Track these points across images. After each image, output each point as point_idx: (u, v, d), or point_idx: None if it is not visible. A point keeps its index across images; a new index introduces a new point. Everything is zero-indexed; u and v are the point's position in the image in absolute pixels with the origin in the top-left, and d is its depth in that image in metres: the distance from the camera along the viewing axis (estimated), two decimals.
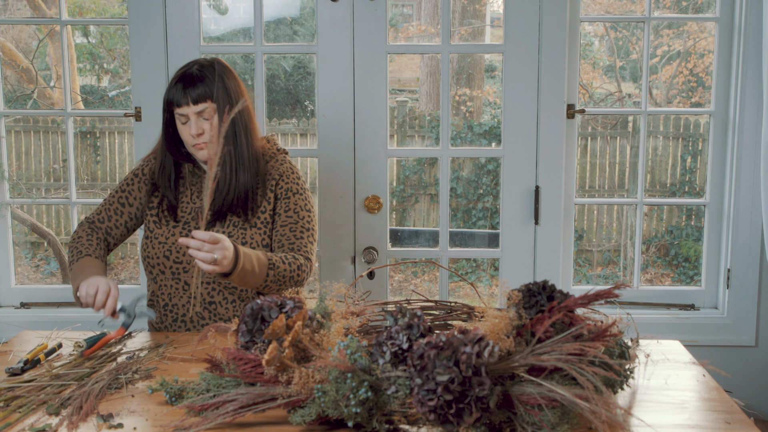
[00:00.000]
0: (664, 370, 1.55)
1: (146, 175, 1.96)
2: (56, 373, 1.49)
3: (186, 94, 1.81)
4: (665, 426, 1.28)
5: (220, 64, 1.88)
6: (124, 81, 6.95)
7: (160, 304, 1.92)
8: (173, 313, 1.91)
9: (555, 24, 2.57)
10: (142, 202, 1.95)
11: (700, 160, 6.14)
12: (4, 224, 2.82)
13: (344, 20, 2.59)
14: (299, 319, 1.33)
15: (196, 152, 1.86)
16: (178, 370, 1.53)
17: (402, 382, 1.20)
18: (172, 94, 1.83)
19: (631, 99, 6.53)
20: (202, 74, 1.82)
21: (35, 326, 2.63)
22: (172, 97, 1.83)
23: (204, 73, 1.83)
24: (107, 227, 1.95)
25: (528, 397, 1.16)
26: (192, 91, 1.81)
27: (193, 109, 1.82)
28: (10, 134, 6.09)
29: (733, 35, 2.64)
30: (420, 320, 1.32)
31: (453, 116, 6.83)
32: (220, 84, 1.83)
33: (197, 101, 1.81)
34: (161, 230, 1.90)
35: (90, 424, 1.28)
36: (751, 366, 2.71)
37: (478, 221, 6.32)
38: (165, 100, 1.85)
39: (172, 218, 1.91)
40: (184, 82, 1.82)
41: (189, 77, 1.82)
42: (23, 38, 6.55)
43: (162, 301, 1.92)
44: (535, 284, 1.38)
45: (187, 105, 1.81)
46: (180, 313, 1.90)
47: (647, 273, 6.01)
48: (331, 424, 1.25)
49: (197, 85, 1.81)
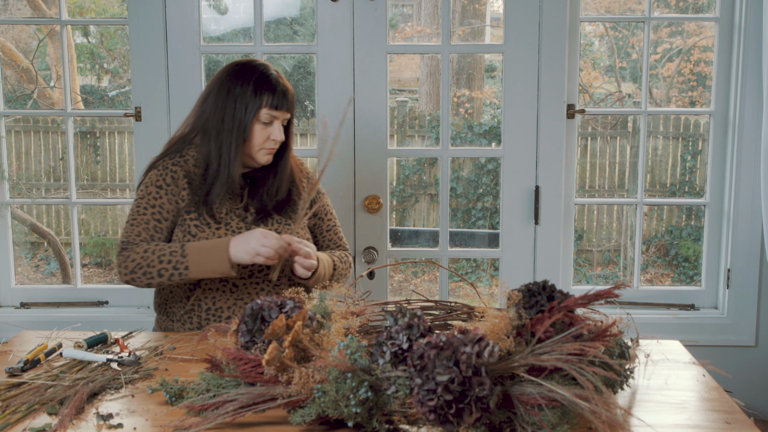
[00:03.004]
0: (664, 370, 1.55)
1: (170, 185, 1.86)
2: (56, 374, 1.49)
3: (286, 101, 1.85)
4: (665, 426, 1.28)
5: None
6: (124, 81, 6.95)
7: (202, 308, 1.86)
8: (216, 317, 1.86)
9: (555, 24, 2.57)
10: (175, 213, 1.87)
11: (700, 160, 6.14)
12: (4, 224, 2.82)
13: (344, 20, 2.59)
14: (299, 319, 1.33)
15: (261, 156, 1.87)
16: (178, 370, 1.53)
17: (402, 382, 1.20)
18: (276, 100, 1.83)
19: (631, 99, 6.53)
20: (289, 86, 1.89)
21: (35, 326, 2.63)
22: (275, 103, 1.83)
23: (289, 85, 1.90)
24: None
25: (528, 397, 1.16)
26: (288, 100, 1.86)
27: (284, 116, 1.86)
28: (10, 134, 6.09)
29: (733, 35, 2.64)
30: (420, 320, 1.32)
31: (453, 116, 6.84)
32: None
33: (289, 110, 1.87)
34: (205, 233, 1.84)
35: (90, 424, 1.28)
36: (751, 366, 2.71)
37: (478, 221, 6.32)
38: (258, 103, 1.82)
39: (212, 220, 1.86)
40: (279, 87, 1.85)
41: (284, 86, 1.86)
42: (23, 38, 6.55)
43: (204, 305, 1.86)
44: (535, 284, 1.38)
45: (281, 110, 1.85)
46: (224, 316, 1.86)
47: (647, 273, 6.01)
48: (331, 424, 1.25)
49: (289, 95, 1.87)
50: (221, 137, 1.84)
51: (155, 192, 1.86)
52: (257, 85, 1.83)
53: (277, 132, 1.85)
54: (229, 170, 1.84)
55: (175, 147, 1.92)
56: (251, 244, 1.72)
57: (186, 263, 1.73)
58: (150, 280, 1.76)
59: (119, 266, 1.79)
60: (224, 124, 1.84)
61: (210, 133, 1.86)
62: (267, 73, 1.86)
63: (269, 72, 1.86)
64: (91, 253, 6.08)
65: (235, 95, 1.83)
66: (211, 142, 1.86)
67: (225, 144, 1.84)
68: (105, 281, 5.97)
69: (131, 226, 1.84)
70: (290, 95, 1.87)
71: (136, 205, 1.87)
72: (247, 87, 1.83)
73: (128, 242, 1.82)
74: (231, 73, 1.86)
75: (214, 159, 1.85)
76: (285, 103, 1.85)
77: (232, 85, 1.84)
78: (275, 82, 1.84)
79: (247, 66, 1.87)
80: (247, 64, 1.88)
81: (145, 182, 1.89)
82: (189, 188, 1.87)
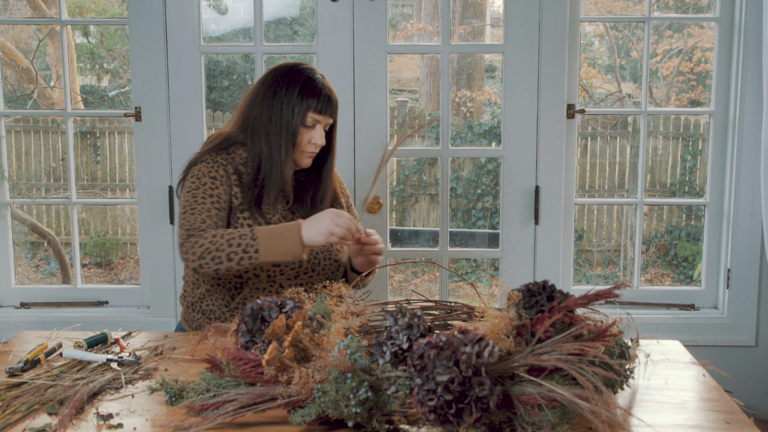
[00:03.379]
0: (664, 370, 1.55)
1: (223, 177, 1.85)
2: (56, 374, 1.49)
3: (329, 106, 1.87)
4: (665, 426, 1.28)
5: None
6: (124, 81, 6.95)
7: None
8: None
9: (555, 24, 2.57)
10: (229, 205, 1.86)
11: (700, 160, 6.14)
12: (4, 224, 2.82)
13: (344, 20, 2.59)
14: (299, 319, 1.33)
15: (303, 158, 1.90)
16: (178, 370, 1.53)
17: (402, 382, 1.20)
18: (320, 105, 1.85)
19: (631, 99, 6.53)
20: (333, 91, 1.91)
21: (35, 326, 2.63)
22: (319, 107, 1.85)
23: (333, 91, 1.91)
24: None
25: (528, 397, 1.16)
26: (332, 105, 1.88)
27: (327, 121, 1.88)
28: (10, 134, 6.09)
29: (733, 35, 2.64)
30: (420, 320, 1.32)
31: (453, 116, 6.83)
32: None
33: (332, 115, 1.89)
34: None
35: (90, 424, 1.28)
36: (751, 366, 2.71)
37: (478, 221, 6.32)
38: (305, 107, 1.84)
39: (263, 220, 1.87)
40: (324, 91, 1.86)
41: (328, 91, 1.88)
42: (23, 38, 6.55)
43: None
44: (535, 284, 1.38)
45: (325, 115, 1.87)
46: None
47: (647, 273, 6.01)
48: (331, 424, 1.25)
49: (333, 101, 1.89)
50: (271, 138, 1.86)
51: (210, 182, 1.84)
52: (303, 88, 1.85)
53: (319, 136, 1.87)
54: (281, 171, 1.86)
55: (221, 145, 1.90)
56: (324, 224, 1.70)
57: (256, 246, 1.70)
58: (218, 265, 1.71)
59: (186, 253, 1.73)
60: (272, 125, 1.85)
61: (260, 133, 1.87)
62: (313, 77, 1.87)
63: (315, 76, 1.88)
64: (91, 253, 6.09)
65: (281, 97, 1.85)
66: (262, 142, 1.87)
67: (275, 145, 1.85)
68: (105, 281, 5.97)
69: (191, 215, 1.79)
70: (334, 100, 1.89)
71: (192, 196, 1.82)
72: (293, 90, 1.84)
73: (194, 229, 1.77)
74: (277, 75, 1.88)
75: (266, 159, 1.86)
76: (329, 107, 1.87)
77: (279, 87, 1.86)
78: (321, 87, 1.86)
79: (293, 69, 1.88)
80: (293, 67, 1.89)
81: (195, 174, 1.85)
82: (240, 186, 1.87)
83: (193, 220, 1.78)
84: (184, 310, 1.99)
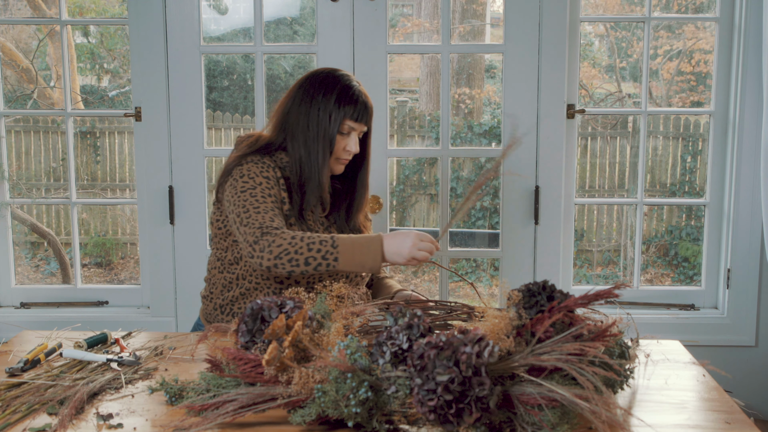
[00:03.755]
0: (664, 370, 1.55)
1: (273, 179, 1.83)
2: (56, 374, 1.49)
3: (365, 114, 1.87)
4: (665, 426, 1.28)
5: None
6: (124, 81, 6.95)
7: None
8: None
9: (555, 24, 2.57)
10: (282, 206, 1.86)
11: (700, 160, 6.14)
12: (4, 224, 2.82)
13: (344, 20, 2.59)
14: (299, 319, 1.33)
15: (337, 165, 1.90)
16: (178, 370, 1.53)
17: (402, 382, 1.20)
18: (357, 112, 1.85)
19: (631, 99, 6.53)
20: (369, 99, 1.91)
21: (35, 326, 2.63)
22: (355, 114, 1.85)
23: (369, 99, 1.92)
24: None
25: (528, 397, 1.16)
26: (368, 114, 1.88)
27: (362, 128, 1.89)
28: (10, 134, 6.09)
29: (733, 35, 2.64)
30: (420, 320, 1.32)
31: (453, 116, 6.83)
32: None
33: (367, 123, 1.90)
34: None
35: (90, 424, 1.28)
36: (751, 366, 2.71)
37: (478, 221, 6.33)
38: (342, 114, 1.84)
39: (305, 226, 1.87)
40: (361, 99, 1.86)
41: (365, 99, 1.88)
42: (23, 38, 6.55)
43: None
44: (535, 284, 1.38)
45: (360, 122, 1.87)
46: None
47: (647, 273, 6.01)
48: (331, 424, 1.26)
49: (369, 109, 1.89)
50: (309, 144, 1.85)
51: (266, 182, 1.82)
52: (340, 95, 1.84)
53: (353, 143, 1.87)
54: (319, 177, 1.86)
55: (263, 148, 1.88)
56: (407, 248, 1.69)
57: (336, 254, 1.68)
58: (294, 268, 1.69)
59: (261, 251, 1.69)
60: (309, 131, 1.85)
61: (298, 139, 1.87)
62: (350, 84, 1.87)
63: (352, 83, 1.88)
64: (91, 253, 6.09)
65: (318, 103, 1.85)
66: (301, 148, 1.86)
67: (313, 151, 1.85)
68: (105, 281, 5.97)
69: (257, 213, 1.75)
70: (370, 108, 1.89)
71: (251, 195, 1.78)
72: (330, 97, 1.84)
73: (267, 227, 1.73)
74: (315, 81, 1.88)
75: (305, 165, 1.86)
76: (365, 115, 1.87)
77: (316, 93, 1.85)
78: (358, 94, 1.86)
79: (331, 75, 1.88)
80: (331, 73, 1.89)
81: (245, 174, 1.82)
82: (287, 192, 1.86)
83: (262, 219, 1.74)
84: (209, 311, 1.95)
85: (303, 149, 1.86)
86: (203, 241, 2.70)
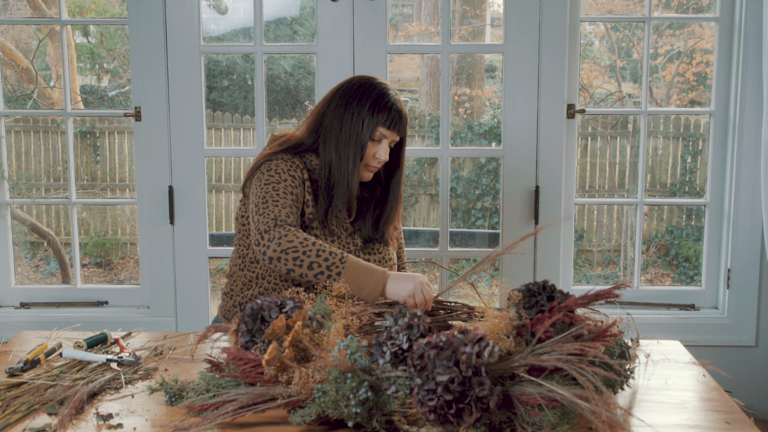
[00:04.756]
0: (664, 370, 1.55)
1: (298, 179, 1.85)
2: (56, 374, 1.49)
3: (398, 124, 1.86)
4: (665, 426, 1.28)
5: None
6: (124, 81, 6.95)
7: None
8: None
9: (555, 24, 2.57)
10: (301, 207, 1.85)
11: (700, 160, 6.14)
12: (4, 224, 2.82)
13: (344, 20, 2.59)
14: (299, 319, 1.33)
15: (365, 171, 1.89)
16: (178, 370, 1.53)
17: (402, 382, 1.20)
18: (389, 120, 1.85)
19: (631, 99, 6.53)
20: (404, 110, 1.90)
21: (35, 326, 2.63)
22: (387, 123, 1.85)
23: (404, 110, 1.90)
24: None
25: (528, 397, 1.16)
26: (402, 123, 1.88)
27: (394, 137, 1.88)
28: (10, 134, 6.09)
29: (733, 35, 2.64)
30: (420, 320, 1.32)
31: (453, 116, 6.83)
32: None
33: (400, 132, 1.88)
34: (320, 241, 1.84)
35: (90, 424, 1.28)
36: (751, 366, 2.71)
37: (478, 221, 6.32)
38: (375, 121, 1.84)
39: (327, 230, 1.87)
40: (397, 111, 1.86)
41: (399, 108, 1.88)
42: (23, 38, 6.55)
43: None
44: (535, 284, 1.38)
45: (392, 131, 1.86)
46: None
47: (647, 273, 6.01)
48: (331, 424, 1.25)
49: (404, 119, 1.88)
50: (340, 148, 1.85)
51: (291, 180, 1.83)
52: (375, 102, 1.85)
53: (383, 151, 1.87)
54: (348, 183, 1.85)
55: (293, 148, 1.90)
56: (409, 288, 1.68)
57: (340, 269, 1.68)
58: (295, 267, 1.69)
59: (270, 240, 1.69)
60: (342, 135, 1.85)
61: (330, 142, 1.87)
62: (386, 92, 1.88)
63: (388, 92, 1.88)
64: (91, 253, 6.09)
65: (353, 108, 1.85)
66: (332, 151, 1.87)
67: (344, 156, 1.85)
68: (105, 281, 5.97)
69: (275, 206, 1.76)
70: (404, 117, 1.89)
71: (273, 189, 1.80)
72: (365, 103, 1.85)
73: (281, 220, 1.74)
74: (351, 86, 1.88)
75: (335, 169, 1.86)
76: (399, 124, 1.87)
77: (352, 98, 1.86)
78: (392, 102, 1.86)
79: (367, 82, 1.89)
80: (368, 80, 1.90)
81: (272, 168, 1.84)
82: (312, 195, 1.86)
83: (278, 212, 1.75)
84: (228, 308, 1.96)
85: (334, 152, 1.86)
86: (203, 241, 2.70)
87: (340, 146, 1.85)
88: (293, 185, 1.83)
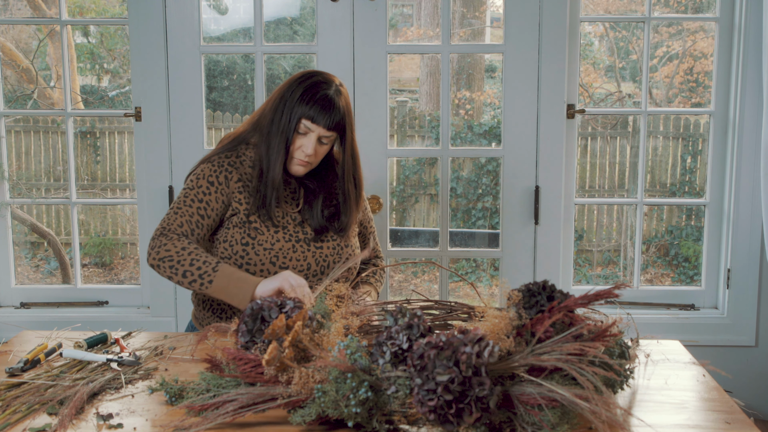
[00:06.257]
0: (664, 370, 1.55)
1: (222, 184, 1.86)
2: (56, 374, 1.49)
3: (324, 116, 1.82)
4: (665, 426, 1.28)
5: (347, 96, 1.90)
6: (124, 81, 6.95)
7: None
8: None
9: (555, 24, 2.57)
10: (218, 214, 1.87)
11: (700, 160, 6.14)
12: (4, 224, 2.82)
13: (344, 20, 2.59)
14: (299, 319, 1.33)
15: (294, 166, 1.87)
16: (178, 370, 1.53)
17: (402, 382, 1.20)
18: (312, 112, 1.81)
19: (631, 99, 6.53)
20: (339, 103, 1.84)
21: (35, 326, 2.63)
22: (310, 114, 1.81)
23: (340, 103, 1.84)
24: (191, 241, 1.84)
25: (528, 397, 1.16)
26: (329, 117, 1.82)
27: (322, 132, 1.83)
28: (10, 134, 6.09)
29: (733, 35, 2.64)
30: (420, 320, 1.32)
31: (453, 116, 6.83)
32: (347, 119, 1.86)
33: (329, 128, 1.83)
34: (264, 236, 1.85)
35: (90, 424, 1.28)
36: (751, 366, 2.71)
37: (478, 221, 6.32)
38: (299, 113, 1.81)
39: (270, 223, 1.87)
40: (323, 103, 1.82)
41: (329, 101, 1.82)
42: (23, 38, 6.55)
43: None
44: (535, 284, 1.38)
45: (319, 125, 1.82)
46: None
47: (647, 273, 6.01)
48: (331, 424, 1.26)
49: (333, 112, 1.83)
50: (270, 139, 1.85)
51: (206, 187, 1.86)
52: (304, 94, 1.83)
53: (309, 145, 1.83)
54: (272, 173, 1.85)
55: (231, 145, 1.92)
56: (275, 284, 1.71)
57: (212, 278, 1.73)
58: (172, 274, 1.75)
59: (151, 249, 1.78)
60: (273, 125, 1.85)
61: (263, 133, 1.87)
62: (317, 83, 1.84)
63: (320, 84, 1.85)
64: (91, 253, 6.09)
65: (285, 100, 1.84)
66: (263, 142, 1.87)
67: (272, 146, 1.85)
68: (105, 281, 5.97)
69: (174, 214, 1.83)
70: (332, 112, 1.83)
71: (184, 195, 1.86)
72: (295, 94, 1.83)
73: (168, 229, 1.80)
74: (292, 78, 1.88)
75: (264, 160, 1.86)
76: (323, 118, 1.82)
77: (288, 89, 1.85)
78: (321, 95, 1.82)
79: (306, 74, 1.87)
80: (308, 73, 1.88)
81: (196, 173, 1.88)
82: (244, 191, 1.87)
83: (172, 220, 1.82)
84: (194, 309, 1.99)
85: (264, 144, 1.86)
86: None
87: (270, 137, 1.85)
88: (207, 192, 1.85)
